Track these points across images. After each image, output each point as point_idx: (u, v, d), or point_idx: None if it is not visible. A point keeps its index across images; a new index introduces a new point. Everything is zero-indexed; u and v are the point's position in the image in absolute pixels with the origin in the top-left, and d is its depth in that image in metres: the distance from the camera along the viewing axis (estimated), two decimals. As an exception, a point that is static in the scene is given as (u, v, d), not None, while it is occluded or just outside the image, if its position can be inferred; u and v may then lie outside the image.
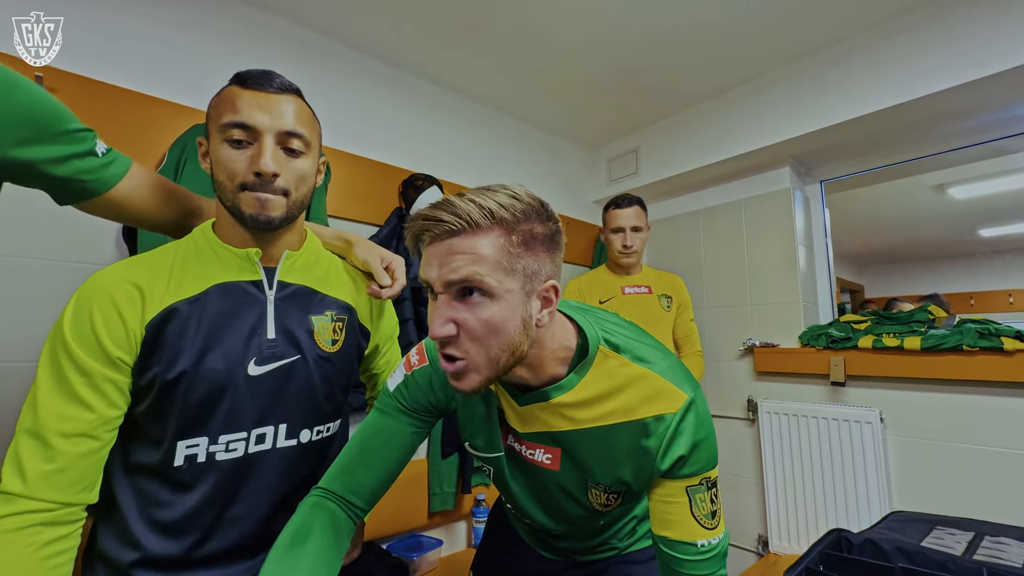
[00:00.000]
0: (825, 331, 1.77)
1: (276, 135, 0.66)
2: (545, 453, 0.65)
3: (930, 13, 1.47)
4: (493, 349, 0.53)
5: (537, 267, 0.54)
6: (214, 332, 0.67)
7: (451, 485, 1.67)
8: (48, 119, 0.58)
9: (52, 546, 0.58)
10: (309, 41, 1.57)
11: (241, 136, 0.65)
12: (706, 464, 0.59)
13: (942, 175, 1.86)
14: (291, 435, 0.73)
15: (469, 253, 0.51)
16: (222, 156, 0.65)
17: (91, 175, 0.63)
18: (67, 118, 0.60)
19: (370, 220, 1.63)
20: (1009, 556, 0.82)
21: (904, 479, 1.58)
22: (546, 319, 0.56)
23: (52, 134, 0.58)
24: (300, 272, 0.77)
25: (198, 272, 0.69)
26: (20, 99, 0.55)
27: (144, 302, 0.64)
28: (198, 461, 0.66)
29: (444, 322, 0.52)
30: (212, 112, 0.68)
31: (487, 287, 0.51)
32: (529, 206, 0.53)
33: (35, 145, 0.57)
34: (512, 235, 0.52)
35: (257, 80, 0.66)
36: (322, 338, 0.76)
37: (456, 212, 0.51)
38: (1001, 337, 1.40)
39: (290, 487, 0.74)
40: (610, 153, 2.43)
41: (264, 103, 0.65)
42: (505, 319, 0.52)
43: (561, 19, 1.53)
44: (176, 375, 0.64)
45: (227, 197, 0.66)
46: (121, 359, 0.63)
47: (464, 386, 0.55)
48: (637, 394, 0.59)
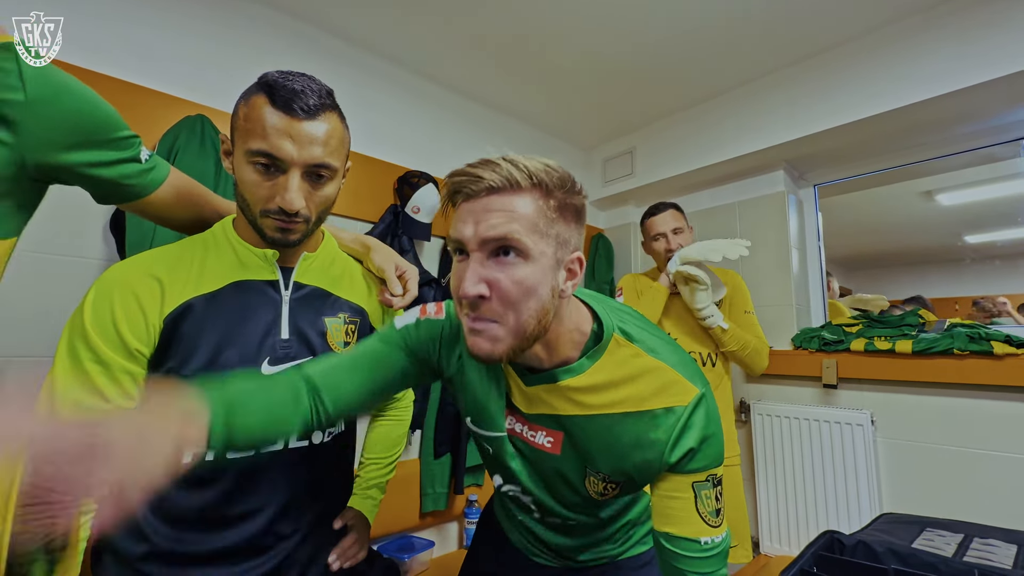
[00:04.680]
0: (818, 334, 1.79)
1: (303, 168, 0.64)
2: (547, 436, 0.64)
3: (922, 21, 1.49)
4: (523, 314, 0.52)
5: (568, 236, 0.54)
6: (230, 330, 0.67)
7: (443, 486, 1.65)
8: (96, 125, 0.59)
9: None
10: (304, 34, 1.55)
11: (268, 163, 0.63)
12: (714, 460, 0.59)
13: (931, 181, 1.89)
14: (303, 436, 0.72)
15: (508, 211, 0.50)
16: (247, 178, 0.64)
17: (133, 180, 0.65)
18: (115, 124, 0.61)
19: (365, 217, 1.62)
20: (998, 557, 0.83)
21: (894, 481, 1.60)
22: (570, 290, 0.55)
23: (100, 140, 0.60)
24: (316, 273, 0.77)
25: (216, 268, 0.69)
26: (70, 104, 0.56)
27: (164, 295, 0.65)
28: (207, 459, 0.66)
29: (477, 281, 0.51)
30: (240, 124, 0.64)
31: (523, 247, 0.50)
32: (564, 176, 0.54)
33: (83, 150, 0.58)
34: (550, 199, 0.52)
35: (288, 101, 0.62)
36: (334, 340, 0.76)
37: (497, 170, 0.50)
38: (991, 341, 1.42)
39: (301, 486, 0.74)
40: (605, 154, 2.43)
41: (295, 132, 0.62)
42: (537, 282, 0.51)
43: (559, 20, 1.53)
44: (191, 373, 0.64)
45: (249, 212, 0.67)
46: (139, 351, 0.63)
47: (485, 349, 0.53)
48: (649, 385, 0.58)
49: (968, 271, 1.86)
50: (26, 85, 0.52)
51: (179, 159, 1.16)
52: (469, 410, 0.71)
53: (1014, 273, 1.74)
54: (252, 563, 0.70)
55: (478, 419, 0.70)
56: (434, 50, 1.70)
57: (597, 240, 2.39)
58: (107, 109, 0.61)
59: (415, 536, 1.63)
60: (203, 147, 1.19)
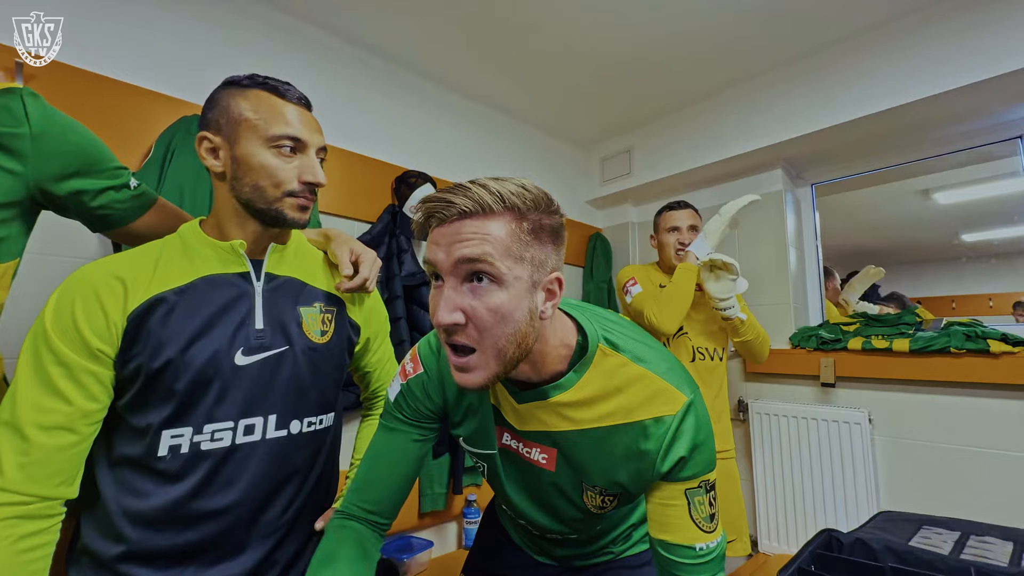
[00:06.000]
0: (815, 332, 1.79)
1: (316, 150, 0.73)
2: (541, 452, 0.64)
3: (919, 19, 1.49)
4: (501, 340, 0.51)
5: (544, 257, 0.53)
6: (201, 321, 0.67)
7: (442, 486, 1.65)
8: (91, 157, 0.68)
9: (28, 540, 0.58)
10: (303, 34, 1.55)
11: (293, 145, 0.70)
12: (705, 467, 0.59)
13: (928, 180, 1.89)
14: (281, 426, 0.72)
15: (480, 235, 0.50)
16: (269, 163, 0.69)
17: (122, 205, 0.74)
18: (107, 157, 0.71)
19: (363, 217, 1.61)
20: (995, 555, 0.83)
21: (892, 479, 1.60)
22: (549, 311, 0.55)
23: (94, 170, 0.69)
24: (288, 264, 0.78)
25: (184, 265, 0.69)
26: (75, 140, 0.66)
27: (127, 294, 0.65)
28: (181, 452, 0.66)
29: (452, 309, 0.51)
30: (247, 118, 0.69)
31: (496, 272, 0.50)
32: (538, 197, 0.53)
33: (79, 178, 0.67)
34: (523, 222, 0.52)
35: (295, 96, 0.72)
36: (311, 329, 0.76)
37: (468, 194, 0.50)
38: (987, 339, 1.42)
39: (280, 478, 0.73)
40: (603, 153, 2.43)
41: (306, 120, 0.72)
42: (513, 308, 0.51)
43: (556, 19, 1.53)
44: (162, 364, 0.64)
45: (265, 199, 0.70)
46: (102, 351, 0.63)
47: (470, 381, 0.53)
48: (637, 395, 0.58)
49: (965, 269, 1.87)
50: (31, 121, 0.61)
51: (175, 158, 1.15)
52: (461, 429, 0.71)
53: (1011, 271, 1.75)
54: (231, 563, 0.69)
55: (469, 437, 0.71)
56: (433, 49, 1.69)
57: (595, 239, 2.38)
58: (100, 144, 0.70)
59: (413, 536, 1.62)
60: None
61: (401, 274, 1.56)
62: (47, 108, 0.64)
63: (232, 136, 0.69)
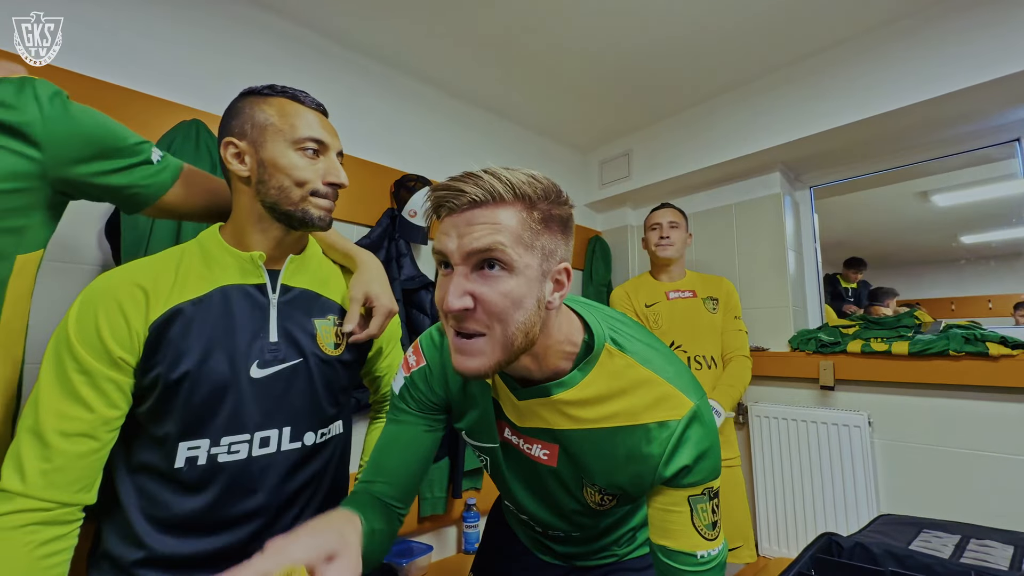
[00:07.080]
0: (814, 335, 1.79)
1: (336, 153, 0.76)
2: (543, 448, 0.64)
3: (918, 23, 1.49)
4: (510, 327, 0.51)
5: (553, 247, 0.53)
6: (218, 334, 0.68)
7: (441, 490, 1.65)
8: (111, 137, 0.68)
9: (49, 546, 0.59)
10: (302, 39, 1.55)
11: (317, 148, 0.72)
12: (709, 474, 0.58)
13: (927, 182, 1.90)
14: (295, 438, 0.73)
15: (491, 223, 0.50)
16: (295, 163, 0.70)
17: (150, 180, 0.72)
18: (123, 134, 0.70)
19: (361, 220, 1.61)
20: (995, 559, 0.83)
21: (892, 482, 1.60)
22: (557, 301, 0.55)
23: (112, 149, 0.68)
24: (303, 275, 0.78)
25: (203, 274, 0.70)
26: (88, 121, 0.65)
27: (148, 303, 0.65)
28: (198, 463, 0.66)
29: (461, 294, 0.51)
30: (273, 124, 0.71)
31: (508, 259, 0.50)
32: (548, 187, 0.53)
33: (98, 161, 0.67)
34: (533, 211, 0.52)
35: (314, 103, 0.75)
36: (324, 341, 0.77)
37: (479, 183, 0.50)
38: (986, 342, 1.42)
39: (294, 489, 0.74)
40: (602, 156, 2.44)
41: (325, 124, 0.75)
42: (523, 294, 0.51)
43: (555, 24, 1.53)
44: (179, 376, 0.65)
45: (290, 200, 0.71)
46: (124, 359, 0.63)
47: (471, 366, 0.53)
48: (642, 398, 0.57)
49: (964, 271, 1.87)
50: (42, 109, 0.61)
51: (175, 163, 1.15)
52: (463, 423, 0.71)
53: (1010, 273, 1.75)
54: None
55: (471, 431, 0.70)
56: (431, 54, 1.70)
57: (594, 242, 2.39)
58: (114, 123, 0.69)
59: (413, 540, 1.62)
60: (198, 151, 1.19)
61: (400, 278, 1.56)
62: (59, 94, 0.64)
63: (258, 140, 0.70)
